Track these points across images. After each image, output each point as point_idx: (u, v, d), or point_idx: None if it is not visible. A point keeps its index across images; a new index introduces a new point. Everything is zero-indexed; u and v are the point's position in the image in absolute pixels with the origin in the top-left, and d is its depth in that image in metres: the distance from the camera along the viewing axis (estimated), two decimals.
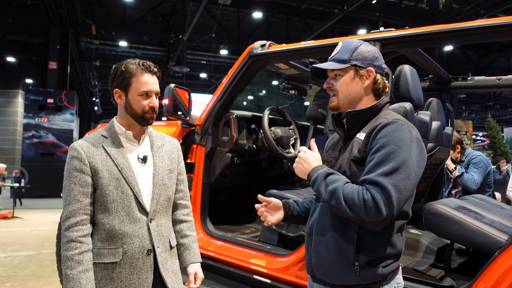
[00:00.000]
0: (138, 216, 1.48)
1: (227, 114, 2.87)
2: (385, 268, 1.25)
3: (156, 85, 1.53)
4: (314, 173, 1.29)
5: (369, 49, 1.37)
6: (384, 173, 1.16)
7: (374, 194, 1.14)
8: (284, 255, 2.34)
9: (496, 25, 1.86)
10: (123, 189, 1.46)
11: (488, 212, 2.25)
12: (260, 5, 16.09)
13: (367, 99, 1.36)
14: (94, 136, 1.52)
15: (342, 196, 1.19)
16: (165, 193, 1.56)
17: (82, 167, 1.44)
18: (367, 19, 15.99)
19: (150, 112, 1.51)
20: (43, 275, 4.38)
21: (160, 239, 1.53)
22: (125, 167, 1.47)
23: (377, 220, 1.14)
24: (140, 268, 1.47)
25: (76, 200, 1.43)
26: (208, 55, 20.36)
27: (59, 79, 17.49)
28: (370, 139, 1.25)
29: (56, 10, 15.79)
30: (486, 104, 27.36)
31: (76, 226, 1.42)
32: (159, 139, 1.63)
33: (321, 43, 2.43)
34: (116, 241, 1.45)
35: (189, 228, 1.71)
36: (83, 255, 1.41)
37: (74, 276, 1.38)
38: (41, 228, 8.03)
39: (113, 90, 1.53)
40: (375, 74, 1.35)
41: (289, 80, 3.29)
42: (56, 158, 17.00)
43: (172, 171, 1.62)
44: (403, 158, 1.18)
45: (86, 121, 28.97)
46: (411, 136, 1.22)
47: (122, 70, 1.50)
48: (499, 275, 1.62)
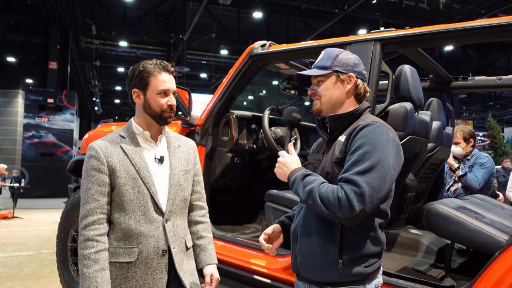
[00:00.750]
0: (154, 216, 1.48)
1: (227, 114, 2.87)
2: (368, 268, 1.30)
3: (173, 84, 1.56)
4: (292, 175, 1.37)
5: (350, 56, 1.45)
6: (359, 171, 1.22)
7: (348, 192, 1.20)
8: (284, 255, 2.34)
9: (496, 25, 1.86)
10: (140, 189, 1.47)
11: (489, 212, 2.25)
12: (260, 5, 16.09)
13: (348, 103, 1.43)
14: (112, 136, 1.55)
15: (318, 195, 1.25)
16: (181, 193, 1.57)
17: (100, 167, 1.46)
18: (367, 19, 15.99)
19: (168, 111, 1.54)
20: (43, 275, 4.38)
21: (176, 239, 1.53)
22: (142, 167, 1.49)
23: (351, 216, 1.19)
24: (155, 268, 1.47)
25: (93, 199, 1.44)
26: (208, 55, 20.36)
27: (59, 79, 17.49)
28: (349, 140, 1.32)
29: (56, 10, 15.80)
30: (486, 104, 27.35)
31: (93, 225, 1.43)
32: (176, 140, 1.65)
33: (321, 43, 2.43)
34: (132, 241, 1.46)
35: (205, 230, 1.71)
36: (99, 254, 1.42)
37: (90, 275, 1.39)
38: (41, 228, 8.04)
39: (131, 90, 1.56)
40: (356, 79, 1.42)
41: (289, 80, 3.29)
42: (56, 158, 17.01)
43: (188, 172, 1.63)
44: (378, 158, 1.23)
45: (86, 121, 28.99)
46: (388, 138, 1.28)
47: (140, 70, 1.52)
48: (500, 275, 1.61)
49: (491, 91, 23.57)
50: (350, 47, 2.14)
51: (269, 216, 2.67)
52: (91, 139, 3.70)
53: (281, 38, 16.20)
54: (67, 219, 3.18)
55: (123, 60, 22.17)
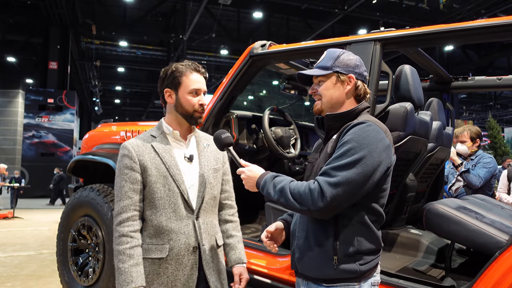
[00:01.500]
0: (184, 214, 1.52)
1: (227, 114, 2.87)
2: (363, 266, 1.30)
3: (204, 84, 1.61)
4: (261, 179, 1.39)
5: (351, 57, 1.45)
6: (338, 166, 1.24)
7: (321, 182, 1.23)
8: (284, 255, 2.34)
9: (496, 25, 1.86)
10: (170, 187, 1.51)
11: (489, 212, 2.25)
12: (260, 5, 16.09)
13: (348, 104, 1.44)
14: (143, 136, 1.59)
15: (289, 192, 1.28)
16: (210, 191, 1.60)
17: (132, 165, 1.50)
18: (367, 19, 15.99)
19: (200, 111, 1.59)
20: (44, 275, 4.38)
21: (206, 237, 1.56)
22: (172, 165, 1.53)
23: (323, 205, 1.20)
24: (186, 265, 1.51)
25: (127, 196, 1.49)
26: (208, 55, 20.36)
27: (59, 79, 17.50)
28: (339, 137, 1.33)
29: (56, 10, 15.81)
30: (486, 104, 27.36)
31: (127, 222, 1.48)
32: (205, 140, 1.69)
33: (321, 43, 2.43)
34: (163, 237, 1.50)
35: (234, 228, 1.72)
36: (134, 249, 1.46)
37: (126, 270, 1.43)
38: (42, 228, 8.04)
39: (163, 90, 1.60)
40: (356, 81, 1.43)
41: (289, 80, 3.29)
42: (56, 158, 17.02)
43: (217, 170, 1.65)
44: (362, 155, 1.23)
45: (86, 121, 29.00)
46: (377, 137, 1.28)
47: (173, 70, 1.58)
48: (500, 275, 1.61)
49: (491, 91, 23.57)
50: (350, 47, 2.13)
51: (269, 216, 2.67)
52: (91, 139, 3.70)
53: (281, 38, 16.20)
54: (67, 219, 3.18)
55: (123, 60, 22.16)
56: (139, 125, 3.29)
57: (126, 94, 29.45)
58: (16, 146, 20.64)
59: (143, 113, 33.01)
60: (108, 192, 2.93)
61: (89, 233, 2.99)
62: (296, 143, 3.16)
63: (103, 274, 2.81)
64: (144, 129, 3.11)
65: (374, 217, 1.34)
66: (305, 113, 6.74)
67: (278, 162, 3.29)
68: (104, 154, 3.08)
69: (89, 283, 2.91)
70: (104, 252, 2.82)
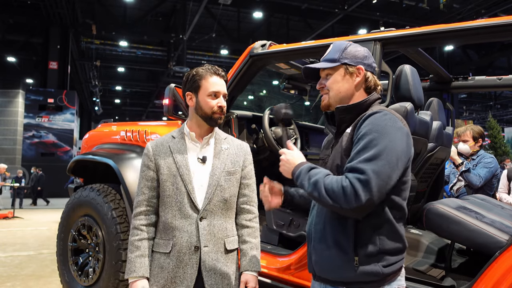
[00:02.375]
0: (189, 213, 1.56)
1: (227, 114, 2.87)
2: (386, 268, 1.22)
3: (223, 87, 1.65)
4: (297, 169, 1.33)
5: (359, 49, 1.40)
6: (364, 159, 1.17)
7: (353, 180, 1.15)
8: (284, 255, 2.34)
9: (496, 25, 1.86)
10: (178, 186, 1.56)
11: (489, 212, 2.25)
12: (260, 5, 16.09)
13: (358, 96, 1.38)
14: (165, 137, 1.67)
15: (323, 186, 1.20)
16: (220, 194, 1.60)
17: (149, 163, 1.60)
18: (367, 19, 15.99)
19: (219, 112, 1.61)
20: (44, 275, 4.38)
21: (211, 238, 1.56)
22: (182, 165, 1.58)
23: (357, 206, 1.13)
24: (186, 263, 1.53)
25: (142, 192, 1.60)
26: (208, 55, 20.36)
27: (59, 79, 17.51)
28: (355, 130, 1.27)
29: (56, 10, 15.81)
30: (486, 104, 27.35)
31: (140, 215, 1.59)
32: (226, 143, 1.70)
33: (321, 43, 2.43)
34: (168, 234, 1.57)
35: (249, 234, 1.68)
36: (141, 241, 1.56)
37: (132, 259, 1.54)
38: (42, 228, 8.04)
39: (185, 94, 1.66)
40: (365, 72, 1.38)
41: (289, 80, 3.29)
42: (56, 158, 17.03)
43: (232, 173, 1.65)
44: (385, 145, 1.17)
45: (86, 121, 29.00)
46: (395, 125, 1.23)
47: (193, 74, 1.64)
48: (500, 275, 1.62)
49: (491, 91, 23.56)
50: None
51: (269, 216, 2.67)
52: (91, 139, 3.70)
53: (281, 38, 16.19)
54: (67, 219, 3.18)
55: (123, 60, 22.16)
56: (139, 125, 3.29)
57: (126, 94, 29.46)
58: (16, 146, 20.65)
59: (143, 113, 33.02)
60: (108, 192, 2.93)
61: (89, 233, 2.99)
62: (296, 143, 3.16)
63: (103, 274, 2.81)
64: (144, 129, 3.12)
65: (397, 213, 1.27)
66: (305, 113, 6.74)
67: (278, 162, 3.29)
68: (104, 154, 3.08)
69: (89, 283, 2.92)
70: (104, 252, 2.82)
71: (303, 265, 2.22)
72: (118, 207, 2.82)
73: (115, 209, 2.81)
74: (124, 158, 2.93)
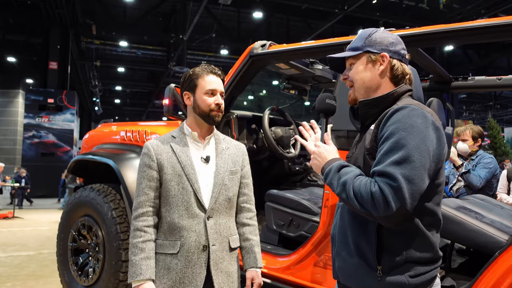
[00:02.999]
0: (197, 212, 1.56)
1: (227, 114, 2.87)
2: (414, 278, 1.11)
3: (220, 85, 1.65)
4: (327, 166, 1.22)
5: (385, 35, 1.28)
6: (393, 162, 1.05)
7: (382, 187, 1.04)
8: (284, 255, 2.34)
9: (496, 25, 1.86)
10: (184, 185, 1.55)
11: (489, 212, 2.25)
12: (260, 5, 16.09)
13: (384, 87, 1.26)
14: (165, 136, 1.65)
15: (352, 189, 1.10)
16: (225, 193, 1.62)
17: (150, 163, 1.57)
18: (367, 19, 15.99)
19: (216, 110, 1.62)
20: (43, 275, 4.38)
21: (217, 237, 1.58)
22: (188, 165, 1.57)
23: (387, 215, 1.03)
24: (195, 263, 1.53)
25: (143, 192, 1.56)
26: (208, 55, 20.36)
27: (59, 79, 17.50)
28: (379, 127, 1.16)
29: (56, 10, 15.80)
30: (486, 104, 27.34)
31: (142, 217, 1.55)
32: (225, 143, 1.72)
33: (321, 43, 2.43)
34: (175, 234, 1.55)
35: (251, 232, 1.73)
36: (146, 243, 1.53)
37: (137, 262, 1.50)
38: (41, 228, 8.04)
39: (182, 94, 1.67)
40: (391, 60, 1.26)
41: (289, 80, 3.29)
42: (56, 158, 17.01)
43: (234, 173, 1.67)
44: (415, 145, 1.06)
45: (86, 121, 28.98)
46: (425, 121, 1.10)
47: (190, 74, 1.66)
48: (500, 275, 1.62)
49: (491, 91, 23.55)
50: None
51: (269, 216, 2.67)
52: (91, 139, 3.70)
53: (281, 38, 16.19)
54: (67, 219, 3.18)
55: (123, 60, 22.15)
56: (139, 125, 3.29)
57: (126, 94, 29.45)
58: (16, 146, 20.64)
59: (143, 113, 33.01)
60: (108, 192, 2.93)
61: (89, 233, 2.99)
62: (296, 143, 3.16)
63: (103, 274, 2.81)
64: (144, 129, 3.12)
65: (428, 219, 1.15)
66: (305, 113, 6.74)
67: (278, 162, 3.29)
68: (104, 154, 3.08)
69: (89, 283, 2.92)
70: (104, 252, 2.82)
71: (303, 265, 2.22)
72: (118, 207, 2.82)
73: (115, 209, 2.81)
74: (124, 158, 2.93)
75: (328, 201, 2.13)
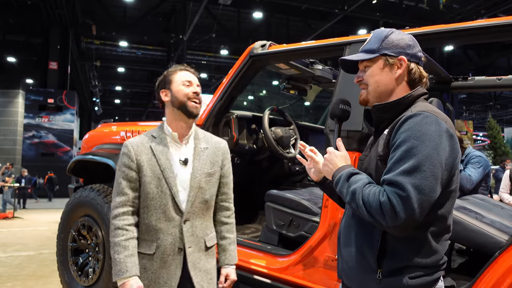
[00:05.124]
0: (173, 216, 1.56)
1: (227, 114, 2.87)
2: (414, 280, 1.10)
3: (195, 78, 1.66)
4: (338, 174, 1.21)
5: (402, 36, 1.25)
6: (403, 171, 1.03)
7: (391, 196, 1.03)
8: (284, 255, 2.34)
9: (496, 25, 1.86)
10: (163, 189, 1.55)
11: (489, 212, 2.25)
12: (260, 5, 16.10)
13: (400, 91, 1.23)
14: (145, 135, 1.63)
15: (361, 198, 1.09)
16: (201, 196, 1.62)
17: (130, 164, 1.56)
18: (367, 19, 16.00)
19: (194, 97, 1.60)
20: (44, 275, 4.38)
21: (193, 239, 1.60)
22: (167, 168, 1.56)
23: (396, 224, 1.02)
24: (170, 264, 1.55)
25: (123, 193, 1.55)
26: (208, 55, 20.37)
27: (59, 79, 17.52)
28: (392, 134, 1.13)
29: (56, 10, 15.81)
30: (486, 104, 27.36)
31: (122, 216, 1.55)
32: (204, 142, 1.69)
33: (321, 43, 2.43)
34: (151, 235, 1.56)
35: (228, 231, 1.75)
36: (129, 241, 1.53)
37: (121, 260, 1.50)
38: (42, 228, 8.04)
39: (159, 94, 1.65)
40: (408, 63, 1.22)
41: (289, 80, 3.29)
42: (56, 158, 17.03)
43: (212, 174, 1.66)
44: (426, 154, 1.04)
45: (86, 121, 28.98)
46: (438, 129, 1.07)
47: (164, 74, 1.67)
48: (500, 275, 1.62)
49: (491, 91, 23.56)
50: (350, 47, 2.14)
51: (269, 216, 2.67)
52: (91, 139, 3.70)
53: (281, 38, 16.19)
54: (67, 219, 3.18)
55: (123, 60, 22.17)
56: (139, 125, 3.29)
57: (126, 94, 29.46)
58: (16, 146, 20.63)
59: (143, 113, 33.02)
60: (108, 192, 2.93)
61: (89, 233, 2.99)
62: (296, 143, 3.16)
63: (103, 274, 2.81)
64: (144, 129, 3.12)
65: (439, 227, 1.13)
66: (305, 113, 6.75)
67: (278, 162, 3.29)
68: (104, 154, 3.08)
69: (89, 283, 2.91)
70: (104, 252, 2.82)
71: (303, 265, 2.22)
72: None
73: None
74: None
75: (328, 201, 2.12)
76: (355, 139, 1.99)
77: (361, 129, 1.95)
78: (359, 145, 1.96)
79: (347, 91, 2.01)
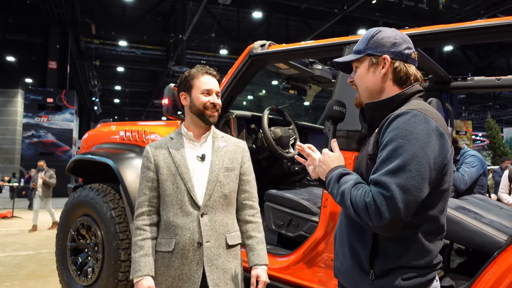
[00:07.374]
0: (190, 210, 1.59)
1: (226, 114, 2.87)
2: (407, 281, 1.09)
3: (216, 85, 1.69)
4: (329, 175, 1.20)
5: (388, 35, 1.23)
6: (388, 171, 1.03)
7: (376, 197, 1.03)
8: (283, 255, 2.34)
9: (496, 25, 1.86)
10: (178, 185, 1.60)
11: (488, 212, 2.25)
12: (260, 5, 16.10)
13: (389, 90, 1.22)
14: (164, 139, 1.72)
15: (349, 199, 1.09)
16: (220, 190, 1.63)
17: (149, 165, 1.64)
18: (367, 19, 16.00)
19: (211, 108, 1.65)
20: (43, 275, 4.38)
21: (212, 234, 1.60)
22: (182, 164, 1.62)
23: (381, 225, 1.02)
24: (191, 260, 1.57)
25: (143, 193, 1.63)
26: (208, 54, 20.36)
27: (58, 78, 17.49)
28: (381, 133, 1.13)
29: (55, 10, 15.79)
30: (485, 104, 27.38)
31: (142, 216, 1.62)
32: (224, 141, 1.73)
33: (321, 43, 2.43)
34: (170, 232, 1.59)
35: (254, 229, 1.72)
36: (145, 241, 1.59)
37: (136, 259, 1.57)
38: (41, 228, 8.02)
39: (179, 95, 1.71)
40: (393, 61, 1.21)
41: (289, 80, 3.29)
42: (55, 158, 16.98)
43: (231, 170, 1.68)
44: (413, 153, 1.03)
45: (85, 121, 28.94)
46: (427, 128, 1.06)
47: (186, 75, 1.70)
48: (499, 275, 1.62)
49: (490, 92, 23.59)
50: (350, 47, 2.14)
51: (268, 216, 2.67)
52: (91, 139, 3.70)
53: (281, 38, 16.18)
54: (66, 219, 3.18)
55: (123, 60, 22.15)
56: (139, 124, 3.29)
57: (126, 94, 29.43)
58: (15, 146, 20.62)
59: (143, 113, 33.00)
60: (107, 191, 2.93)
61: (88, 232, 2.99)
62: (295, 143, 3.16)
63: (102, 274, 2.81)
64: (144, 129, 3.12)
65: (430, 227, 1.12)
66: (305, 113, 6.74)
67: (277, 162, 3.29)
68: (103, 153, 3.08)
69: (88, 282, 2.91)
70: (103, 252, 2.82)
71: (302, 265, 2.22)
72: (117, 207, 2.82)
73: (114, 208, 2.81)
74: (123, 158, 2.92)
75: (327, 201, 2.13)
76: (355, 139, 1.99)
77: (361, 129, 1.95)
78: (359, 145, 1.96)
79: (346, 91, 2.01)
